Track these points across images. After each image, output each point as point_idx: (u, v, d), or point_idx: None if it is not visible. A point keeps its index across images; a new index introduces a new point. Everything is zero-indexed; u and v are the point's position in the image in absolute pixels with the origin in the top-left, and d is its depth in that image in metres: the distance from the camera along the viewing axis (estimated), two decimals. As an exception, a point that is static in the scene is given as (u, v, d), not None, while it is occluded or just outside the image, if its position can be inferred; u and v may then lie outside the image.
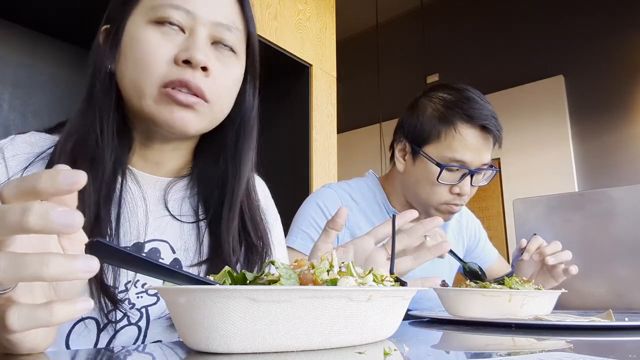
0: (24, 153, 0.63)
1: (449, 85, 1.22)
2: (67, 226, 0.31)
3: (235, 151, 0.73)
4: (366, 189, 1.28)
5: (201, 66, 0.62)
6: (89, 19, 1.66)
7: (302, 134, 2.31)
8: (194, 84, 0.61)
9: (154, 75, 0.60)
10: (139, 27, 0.62)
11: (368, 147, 4.28)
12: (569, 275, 1.06)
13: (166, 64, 0.61)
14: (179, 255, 0.68)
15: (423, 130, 1.16)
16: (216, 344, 0.40)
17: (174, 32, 0.62)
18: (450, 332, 0.68)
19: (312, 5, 2.49)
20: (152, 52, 0.61)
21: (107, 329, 0.59)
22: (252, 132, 0.74)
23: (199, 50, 0.61)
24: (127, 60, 0.62)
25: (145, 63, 0.61)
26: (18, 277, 0.32)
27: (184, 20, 0.62)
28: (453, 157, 1.11)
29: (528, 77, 3.53)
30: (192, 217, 0.72)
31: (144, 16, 0.63)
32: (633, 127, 3.09)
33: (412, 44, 4.30)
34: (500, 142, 1.17)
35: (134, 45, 0.62)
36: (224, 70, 0.66)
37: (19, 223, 0.31)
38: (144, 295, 0.63)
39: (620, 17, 3.22)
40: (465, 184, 1.13)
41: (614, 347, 0.54)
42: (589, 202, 1.20)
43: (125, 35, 0.63)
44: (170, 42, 0.62)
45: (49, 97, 1.77)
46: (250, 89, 0.74)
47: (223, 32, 0.65)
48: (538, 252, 1.06)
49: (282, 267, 0.43)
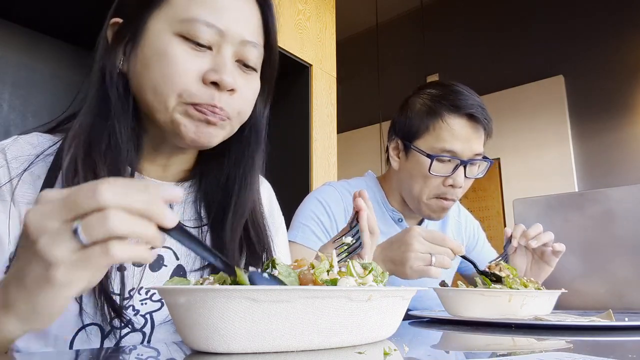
0: (26, 154, 0.62)
1: (436, 82, 1.26)
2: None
3: (242, 157, 0.72)
4: (365, 188, 1.28)
5: (229, 89, 0.62)
6: (89, 19, 1.66)
7: (302, 134, 2.31)
8: (221, 107, 0.62)
9: (181, 92, 0.60)
10: (165, 39, 0.60)
11: (368, 147, 4.28)
12: (559, 254, 1.09)
13: (194, 83, 0.60)
14: (182, 261, 0.68)
15: (412, 126, 1.18)
16: (216, 344, 0.40)
17: (202, 49, 0.61)
18: (450, 332, 0.68)
19: (312, 5, 2.49)
20: (180, 69, 0.59)
21: (110, 335, 0.59)
22: (260, 138, 0.74)
23: (227, 73, 0.61)
24: (149, 70, 0.61)
25: (173, 78, 0.59)
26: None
27: (213, 38, 0.61)
28: (443, 147, 1.12)
29: (528, 77, 3.53)
30: (195, 222, 0.72)
31: (170, 25, 0.61)
32: (633, 127, 3.09)
33: (412, 44, 4.30)
34: (490, 131, 1.18)
35: (160, 57, 0.60)
36: (246, 87, 0.66)
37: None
38: (148, 302, 0.63)
39: (620, 17, 3.22)
40: (458, 175, 1.14)
41: (614, 347, 0.54)
42: (588, 202, 1.20)
43: (145, 40, 0.61)
44: (198, 58, 0.61)
45: (49, 97, 1.77)
46: (262, 98, 0.74)
47: (248, 51, 0.65)
48: (523, 237, 1.09)
49: (281, 264, 0.43)
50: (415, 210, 1.22)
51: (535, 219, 1.25)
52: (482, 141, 1.18)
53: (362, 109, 4.44)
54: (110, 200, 0.36)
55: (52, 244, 0.36)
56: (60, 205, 0.37)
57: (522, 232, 1.10)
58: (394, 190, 1.27)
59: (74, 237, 0.36)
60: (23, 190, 0.60)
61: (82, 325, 0.58)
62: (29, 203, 0.59)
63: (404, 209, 1.27)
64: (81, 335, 0.58)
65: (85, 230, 0.36)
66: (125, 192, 0.37)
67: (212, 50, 0.62)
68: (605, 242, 1.16)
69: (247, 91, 0.66)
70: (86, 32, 1.74)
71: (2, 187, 0.59)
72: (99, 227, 0.36)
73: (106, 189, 0.36)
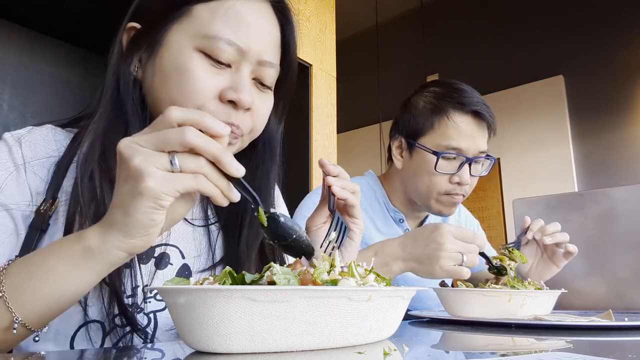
0: (41, 145, 0.63)
1: (438, 81, 1.26)
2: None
3: (256, 172, 0.73)
4: (367, 187, 1.29)
5: (247, 107, 0.62)
6: (89, 19, 1.66)
7: (302, 134, 2.31)
8: (238, 125, 0.62)
9: (198, 108, 0.59)
10: (186, 53, 0.60)
11: (368, 147, 4.28)
12: (569, 257, 1.08)
13: (212, 100, 0.60)
14: (188, 260, 0.68)
15: (417, 124, 1.18)
16: (216, 344, 0.40)
17: (222, 67, 0.61)
18: (450, 332, 0.68)
19: (312, 5, 2.49)
20: (199, 86, 0.59)
21: (112, 333, 0.59)
22: (275, 154, 0.75)
23: (246, 92, 0.61)
24: (167, 84, 0.61)
25: (191, 94, 0.59)
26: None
27: (233, 57, 0.61)
28: (448, 144, 1.12)
29: (528, 77, 3.53)
30: (202, 221, 0.72)
31: (192, 39, 0.60)
32: (633, 127, 3.09)
33: (412, 44, 4.30)
34: (494, 128, 1.18)
35: (179, 72, 0.60)
36: (262, 105, 0.66)
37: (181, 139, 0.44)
38: (152, 301, 0.63)
39: (620, 17, 3.22)
40: (464, 172, 1.14)
41: (613, 347, 0.54)
42: (588, 202, 1.20)
43: (164, 51, 0.61)
44: (217, 75, 0.61)
45: (49, 97, 1.76)
46: (276, 113, 0.74)
47: (266, 71, 0.65)
48: (540, 231, 1.09)
49: (280, 272, 0.43)
50: (425, 207, 1.22)
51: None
52: (487, 139, 1.18)
53: (362, 108, 4.44)
54: (200, 143, 0.44)
55: (146, 160, 0.44)
56: (152, 138, 0.45)
57: (540, 227, 1.10)
58: (396, 190, 1.27)
59: (167, 160, 0.44)
60: (32, 179, 0.60)
61: (84, 322, 0.58)
62: (39, 194, 0.60)
63: (406, 209, 1.27)
64: (82, 332, 0.58)
65: (180, 159, 0.44)
66: (207, 140, 0.45)
67: (231, 68, 0.62)
68: (605, 242, 1.16)
69: (262, 109, 0.66)
70: (86, 32, 1.74)
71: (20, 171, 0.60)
72: (192, 161, 0.45)
73: (194, 134, 0.44)
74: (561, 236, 1.08)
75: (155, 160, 0.44)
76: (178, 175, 0.45)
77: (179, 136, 0.44)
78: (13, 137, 0.63)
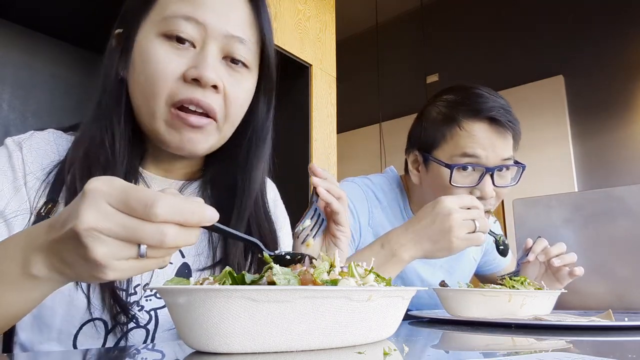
0: (42, 149, 0.64)
1: (455, 86, 1.16)
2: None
3: (246, 161, 0.71)
4: (389, 188, 1.22)
5: (211, 84, 0.60)
6: (89, 19, 1.66)
7: (302, 134, 2.31)
8: (205, 103, 0.60)
9: (163, 93, 0.59)
10: (149, 40, 0.60)
11: (368, 147, 4.27)
12: (574, 277, 1.05)
13: (175, 82, 0.59)
14: (187, 259, 0.68)
15: (428, 136, 1.11)
16: (216, 344, 0.40)
17: (184, 47, 0.60)
18: (450, 332, 0.68)
19: (311, 5, 2.49)
20: (160, 68, 0.59)
21: (114, 330, 0.60)
22: (264, 143, 0.72)
23: (209, 68, 0.59)
24: (137, 74, 0.61)
25: (154, 80, 0.59)
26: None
27: (195, 33, 0.60)
28: (463, 152, 1.04)
29: (528, 77, 3.53)
30: None
31: (154, 27, 0.60)
32: (633, 127, 3.09)
33: (412, 44, 4.30)
34: (517, 133, 1.09)
35: (144, 59, 0.60)
36: (236, 86, 0.63)
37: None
38: (153, 298, 0.63)
39: (620, 17, 3.22)
40: (485, 184, 1.04)
41: (613, 347, 0.54)
42: (588, 202, 1.20)
43: (135, 45, 0.61)
44: (180, 57, 0.59)
45: (49, 97, 1.76)
46: (263, 99, 0.71)
47: (235, 46, 0.62)
48: (543, 253, 1.04)
49: (280, 272, 0.43)
50: None
51: (535, 219, 1.25)
52: (510, 145, 1.09)
53: (361, 108, 4.44)
54: (179, 243, 0.39)
55: (111, 255, 0.38)
56: (122, 231, 0.37)
57: (544, 249, 1.04)
58: (417, 201, 1.20)
59: (135, 251, 0.39)
60: (33, 183, 0.61)
61: (87, 320, 0.58)
62: (39, 197, 0.60)
63: None
64: (85, 329, 0.58)
65: (150, 249, 0.39)
66: (187, 235, 0.39)
67: (195, 48, 0.61)
68: (605, 242, 1.15)
69: (236, 90, 0.63)
70: (86, 32, 1.74)
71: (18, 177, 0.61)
72: (160, 250, 0.39)
73: (175, 236, 0.38)
74: (569, 258, 1.03)
75: (122, 253, 0.38)
76: (144, 261, 0.40)
77: (157, 237, 0.37)
78: (14, 142, 0.64)
